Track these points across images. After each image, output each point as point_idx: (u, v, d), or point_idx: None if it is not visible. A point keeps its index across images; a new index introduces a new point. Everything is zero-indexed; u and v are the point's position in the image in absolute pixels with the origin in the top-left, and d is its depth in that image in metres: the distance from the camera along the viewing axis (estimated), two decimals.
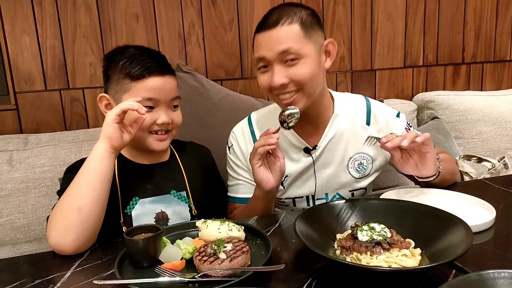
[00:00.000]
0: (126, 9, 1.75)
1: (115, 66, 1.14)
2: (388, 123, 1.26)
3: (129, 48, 1.17)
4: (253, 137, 1.28)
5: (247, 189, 1.28)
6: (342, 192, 1.27)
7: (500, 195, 1.19)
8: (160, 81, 1.12)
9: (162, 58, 1.19)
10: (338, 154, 1.23)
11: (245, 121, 1.32)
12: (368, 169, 1.26)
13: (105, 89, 1.20)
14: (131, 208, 1.13)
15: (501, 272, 0.65)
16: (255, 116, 1.32)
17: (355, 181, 1.26)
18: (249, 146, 1.27)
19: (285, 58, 1.08)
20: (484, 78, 2.34)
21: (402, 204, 0.98)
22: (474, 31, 2.26)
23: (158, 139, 1.15)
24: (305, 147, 1.22)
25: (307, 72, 1.09)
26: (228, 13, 1.87)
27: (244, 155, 1.28)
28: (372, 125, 1.26)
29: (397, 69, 2.18)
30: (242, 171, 1.29)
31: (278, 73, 1.08)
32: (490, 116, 2.07)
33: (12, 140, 1.58)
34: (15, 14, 1.64)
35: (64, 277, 0.87)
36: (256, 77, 1.18)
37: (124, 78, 1.12)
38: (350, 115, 1.25)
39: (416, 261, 0.80)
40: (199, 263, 0.82)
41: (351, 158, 1.24)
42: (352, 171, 1.25)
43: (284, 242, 0.96)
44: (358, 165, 1.25)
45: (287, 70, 1.09)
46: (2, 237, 1.49)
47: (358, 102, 1.29)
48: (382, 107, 1.30)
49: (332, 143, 1.23)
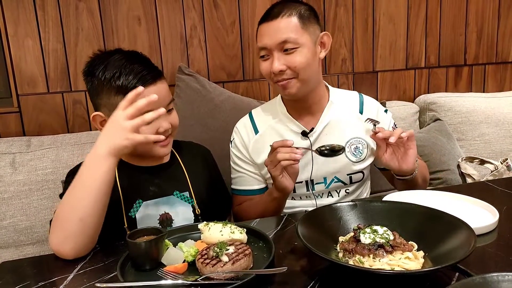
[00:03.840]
0: (128, 12, 1.76)
1: (102, 80, 1.07)
2: (378, 114, 1.36)
3: (111, 56, 1.10)
4: (254, 129, 1.35)
5: (249, 181, 1.35)
6: (340, 175, 1.32)
7: (503, 197, 1.19)
8: (154, 90, 1.06)
9: (149, 62, 1.13)
10: (334, 139, 1.28)
11: (246, 116, 1.40)
12: (364, 153, 1.33)
13: (95, 106, 1.13)
14: (135, 211, 1.13)
15: (505, 275, 0.65)
16: (256, 111, 1.40)
17: (352, 164, 1.31)
18: (251, 138, 1.34)
19: (284, 47, 1.19)
20: (486, 80, 2.33)
21: (405, 206, 0.97)
22: (476, 32, 2.25)
23: (162, 145, 1.13)
24: (303, 130, 1.29)
25: (303, 60, 1.20)
26: (230, 15, 1.88)
27: (246, 147, 1.34)
28: (365, 113, 1.34)
29: (399, 71, 2.18)
30: (243, 163, 1.34)
31: (277, 60, 1.20)
32: (492, 118, 2.07)
33: (15, 142, 1.59)
34: (18, 18, 1.65)
35: (66, 279, 0.87)
36: (259, 65, 1.28)
37: (117, 94, 1.05)
38: (344, 104, 1.35)
39: (419, 264, 0.80)
40: (201, 265, 0.82)
41: (348, 142, 1.31)
42: (349, 154, 1.31)
43: (287, 245, 0.96)
44: (355, 149, 1.32)
45: (285, 57, 1.20)
46: (5, 239, 1.49)
47: (351, 94, 1.41)
48: (373, 101, 1.41)
49: (328, 129, 1.31)
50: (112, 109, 1.05)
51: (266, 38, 1.21)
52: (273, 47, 1.20)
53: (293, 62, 1.19)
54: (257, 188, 1.34)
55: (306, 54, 1.20)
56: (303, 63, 1.20)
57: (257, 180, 1.34)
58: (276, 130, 1.32)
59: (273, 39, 1.20)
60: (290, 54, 1.19)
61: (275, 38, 1.19)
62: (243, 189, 1.36)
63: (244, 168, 1.34)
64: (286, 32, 1.18)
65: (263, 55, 1.24)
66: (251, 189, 1.35)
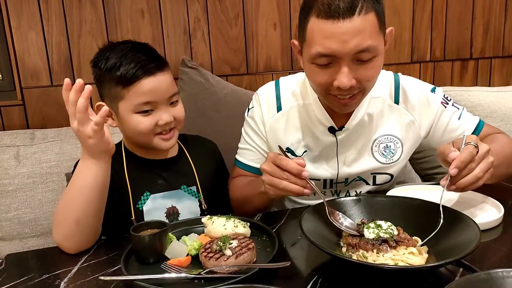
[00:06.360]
0: (132, 4, 1.75)
1: (105, 71, 1.07)
2: (421, 101, 1.13)
3: (116, 47, 1.09)
4: (278, 105, 1.18)
5: (254, 157, 1.22)
6: (363, 174, 1.16)
7: (508, 192, 1.18)
8: (153, 82, 1.05)
9: (151, 55, 1.10)
10: (363, 137, 1.14)
11: (272, 85, 1.21)
12: (397, 154, 1.14)
13: (100, 96, 1.13)
14: (142, 204, 1.14)
15: (510, 271, 0.65)
16: (284, 82, 1.21)
17: (380, 167, 1.15)
18: (271, 114, 1.18)
19: (359, 57, 0.92)
20: (492, 74, 2.31)
21: (409, 201, 0.97)
22: (482, 26, 2.22)
23: (164, 139, 1.11)
24: (331, 126, 1.13)
25: (376, 72, 0.96)
26: (234, 8, 1.86)
27: (263, 122, 1.19)
28: (401, 104, 1.14)
29: (404, 64, 2.16)
30: (256, 136, 1.22)
31: (349, 74, 0.92)
32: (498, 112, 2.05)
33: (19, 135, 1.59)
34: (22, 10, 1.65)
35: (71, 272, 0.87)
36: (307, 70, 1.01)
37: (116, 85, 1.05)
38: (376, 93, 1.13)
39: (423, 259, 0.80)
40: (205, 259, 0.82)
41: (376, 140, 1.13)
42: (377, 155, 1.14)
43: (290, 239, 0.96)
44: (384, 148, 1.13)
45: (356, 69, 0.94)
46: (9, 231, 1.50)
47: (385, 78, 1.15)
48: (413, 82, 1.17)
49: (359, 125, 1.13)
50: (113, 99, 1.07)
51: (336, 43, 0.90)
52: (345, 56, 0.91)
53: (366, 76, 0.94)
54: (258, 167, 1.09)
55: (380, 64, 0.95)
56: (376, 76, 0.96)
57: (263, 158, 1.18)
58: (302, 115, 1.15)
59: (348, 46, 0.89)
60: (364, 64, 0.93)
61: (351, 44, 0.89)
62: (244, 163, 1.23)
63: (255, 141, 1.22)
64: (366, 38, 0.89)
65: (322, 62, 0.94)
66: (252, 165, 1.21)
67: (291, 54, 1.96)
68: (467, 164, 0.86)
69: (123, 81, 1.04)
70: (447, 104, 1.18)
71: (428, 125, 1.18)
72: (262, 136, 1.22)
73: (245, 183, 1.20)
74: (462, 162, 0.85)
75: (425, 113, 1.16)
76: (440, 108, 1.17)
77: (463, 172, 0.87)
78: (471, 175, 0.87)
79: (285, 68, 1.96)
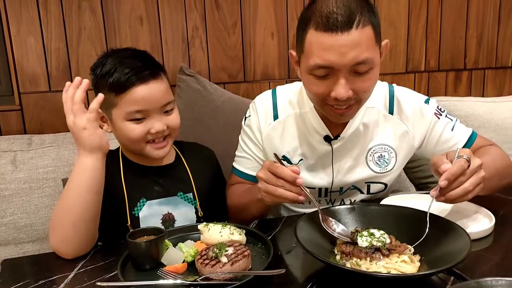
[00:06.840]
0: (131, 12, 1.76)
1: (99, 77, 1.08)
2: (415, 112, 1.15)
3: (114, 54, 1.10)
4: (274, 113, 1.20)
5: (251, 165, 1.24)
6: (357, 183, 1.19)
7: (500, 202, 1.19)
8: (145, 90, 1.04)
9: (147, 62, 1.09)
10: (358, 146, 1.16)
11: (269, 94, 1.23)
12: (391, 163, 1.16)
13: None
14: (138, 210, 1.14)
15: (499, 280, 0.66)
16: (281, 90, 1.23)
17: (375, 176, 1.17)
18: (268, 122, 1.20)
19: (356, 69, 0.95)
20: (486, 84, 2.34)
21: (402, 210, 0.98)
22: (476, 37, 2.26)
23: (156, 147, 1.11)
24: (326, 135, 1.15)
25: (372, 84, 0.99)
26: (232, 16, 1.89)
27: (260, 131, 1.21)
28: (395, 114, 1.16)
29: (399, 74, 2.18)
30: (252, 145, 1.24)
31: (346, 86, 0.95)
32: (491, 123, 2.07)
33: (16, 140, 1.59)
34: (21, 16, 1.66)
35: (67, 278, 0.88)
36: (304, 81, 1.03)
37: (109, 92, 1.05)
38: (371, 103, 1.15)
39: (415, 268, 0.81)
40: (200, 266, 0.83)
41: (370, 150, 1.16)
42: (372, 164, 1.16)
43: (285, 247, 0.97)
44: (379, 157, 1.15)
45: (353, 81, 0.96)
46: (5, 236, 1.50)
47: (380, 89, 1.18)
48: (407, 93, 1.19)
49: (354, 135, 1.15)
50: (107, 106, 1.08)
51: (334, 55, 0.92)
52: (342, 68, 0.94)
53: (362, 88, 0.97)
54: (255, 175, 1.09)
55: (376, 75, 0.98)
56: (372, 87, 0.99)
57: (260, 166, 1.11)
58: (298, 123, 1.18)
59: (345, 58, 0.92)
60: (361, 76, 0.96)
61: (349, 57, 0.92)
62: (241, 171, 1.25)
63: (251, 150, 1.24)
64: (363, 50, 0.92)
65: (320, 74, 0.97)
66: (249, 173, 1.23)
67: (288, 63, 1.98)
68: (458, 177, 0.88)
69: (115, 88, 1.04)
70: (440, 115, 1.20)
71: (421, 135, 1.20)
72: (259, 145, 1.24)
73: (243, 190, 1.21)
74: (453, 175, 0.87)
75: (419, 124, 1.18)
76: (433, 119, 1.19)
77: (453, 185, 0.88)
78: (460, 188, 0.88)
79: (282, 77, 1.99)
